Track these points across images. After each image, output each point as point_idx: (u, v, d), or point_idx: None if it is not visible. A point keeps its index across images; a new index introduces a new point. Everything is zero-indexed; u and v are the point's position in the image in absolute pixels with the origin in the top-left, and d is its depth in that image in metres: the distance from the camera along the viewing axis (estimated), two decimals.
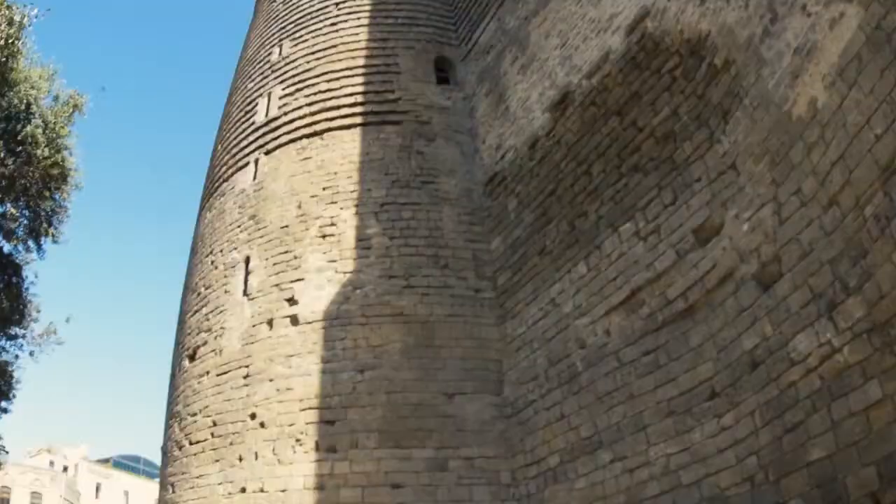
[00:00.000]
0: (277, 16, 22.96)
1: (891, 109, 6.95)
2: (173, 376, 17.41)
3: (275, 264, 15.82)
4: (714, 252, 10.33)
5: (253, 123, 19.63)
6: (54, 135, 17.80)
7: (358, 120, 18.01)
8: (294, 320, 14.88)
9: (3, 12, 16.05)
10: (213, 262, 17.46)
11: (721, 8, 10.66)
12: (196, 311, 17.06)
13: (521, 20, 17.70)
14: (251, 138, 19.26)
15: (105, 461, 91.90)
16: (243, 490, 13.78)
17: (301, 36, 21.06)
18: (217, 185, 19.52)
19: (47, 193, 18.61)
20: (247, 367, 14.82)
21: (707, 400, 9.90)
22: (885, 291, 6.96)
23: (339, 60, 19.57)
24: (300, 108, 18.74)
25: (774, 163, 9.26)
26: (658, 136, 12.12)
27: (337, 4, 21.60)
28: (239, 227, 17.28)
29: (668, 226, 11.47)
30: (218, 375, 15.27)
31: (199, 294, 17.32)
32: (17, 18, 16.60)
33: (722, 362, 9.71)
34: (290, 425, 13.82)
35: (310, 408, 13.90)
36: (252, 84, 21.07)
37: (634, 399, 11.23)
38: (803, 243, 8.51)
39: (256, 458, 13.84)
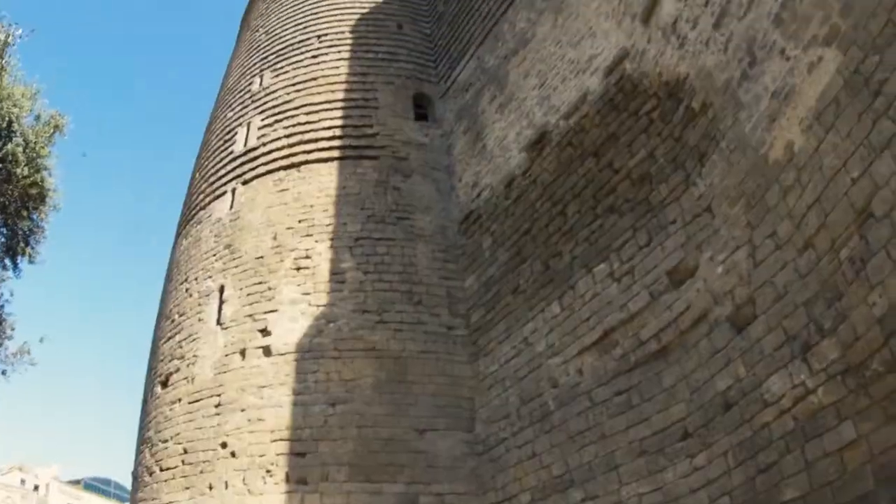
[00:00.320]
0: (259, 46, 23.15)
1: (867, 153, 7.02)
2: (145, 402, 17.20)
3: (249, 294, 15.75)
4: (688, 294, 10.34)
5: (231, 153, 19.64)
6: (34, 154, 17.67)
7: (335, 153, 18.07)
8: (267, 351, 14.78)
9: None
10: (187, 290, 17.36)
11: (700, 51, 10.77)
12: (169, 338, 16.93)
13: (501, 59, 17.86)
14: (229, 167, 19.26)
15: (76, 482, 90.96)
16: None
17: (282, 67, 21.19)
18: (194, 212, 19.45)
19: (25, 213, 18.43)
20: (219, 395, 14.68)
21: (680, 440, 9.87)
22: (860, 333, 7.00)
23: (319, 93, 19.68)
24: (279, 139, 18.79)
25: (750, 206, 9.31)
26: (634, 178, 12.18)
27: (319, 37, 21.85)
28: (214, 255, 17.21)
29: (642, 267, 11.48)
30: (190, 403, 15.11)
31: (172, 321, 17.20)
32: (1, 37, 16.58)
33: (695, 403, 9.70)
34: (261, 456, 13.67)
35: (281, 439, 13.76)
36: (232, 113, 21.13)
37: (606, 438, 11.18)
38: (778, 286, 8.55)
39: (226, 487, 13.64)
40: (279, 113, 19.52)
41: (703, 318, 9.94)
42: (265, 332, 15.07)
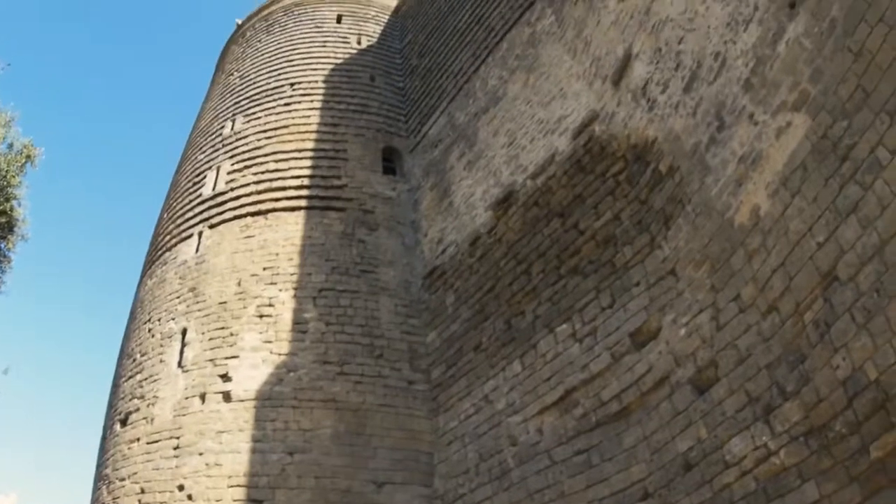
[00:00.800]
0: (233, 90, 23.25)
1: (834, 217, 7.12)
2: (104, 438, 16.86)
3: (211, 339, 15.60)
4: (650, 356, 10.33)
5: (200, 195, 19.56)
6: (5, 182, 17.50)
7: (303, 203, 18.06)
8: (227, 397, 14.60)
9: None
10: (150, 330, 17.17)
11: (669, 115, 10.92)
12: (130, 377, 16.68)
13: (471, 116, 18.01)
14: (197, 210, 19.16)
15: None
16: None
17: (254, 112, 21.28)
18: (160, 252, 19.31)
19: None
20: (177, 438, 14.45)
21: (640, 500, 9.77)
22: (824, 395, 7.03)
23: (290, 141, 19.75)
24: (247, 185, 18.79)
25: (714, 269, 9.38)
26: (599, 240, 12.23)
27: (292, 84, 21.99)
28: (178, 297, 17.07)
29: (604, 328, 11.46)
30: (148, 443, 14.85)
31: (134, 360, 16.96)
32: None
33: (655, 464, 9.65)
34: (218, 501, 13.42)
35: (238, 485, 13.51)
36: (202, 156, 21.12)
37: (566, 497, 11.06)
38: (741, 349, 8.59)
39: None
40: (249, 159, 19.56)
41: (665, 379, 9.92)
42: (226, 377, 14.90)
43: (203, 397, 14.82)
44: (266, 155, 19.45)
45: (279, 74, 22.72)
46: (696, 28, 10.40)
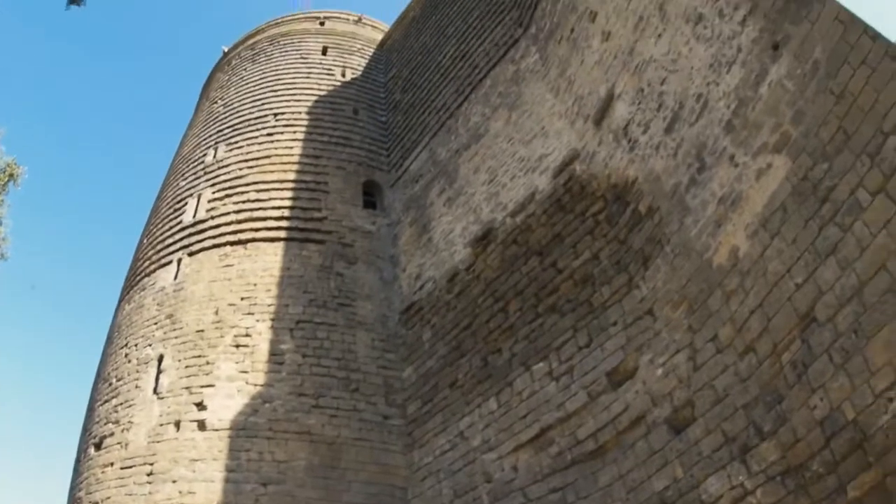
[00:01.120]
0: (217, 118, 23.32)
1: (813, 259, 7.17)
2: (78, 461, 16.62)
3: (187, 367, 15.48)
4: (627, 395, 10.31)
5: (180, 222, 19.52)
6: None
7: (282, 234, 18.06)
8: (201, 425, 14.46)
9: None
10: (126, 355, 17.02)
11: (650, 155, 11.00)
12: (106, 401, 16.50)
13: (453, 152, 18.08)
14: (177, 237, 19.10)
15: None
16: None
17: (237, 142, 21.34)
18: (139, 278, 19.20)
19: None
20: (151, 464, 14.28)
21: None
22: (801, 435, 7.04)
23: (272, 172, 19.79)
24: (228, 214, 18.78)
25: (692, 310, 9.40)
26: (577, 279, 12.25)
27: (275, 115, 22.08)
28: (156, 324, 16.96)
29: (581, 367, 11.44)
30: (122, 469, 14.66)
31: (110, 384, 16.80)
32: None
33: (631, 502, 9.59)
34: None
35: None
36: (184, 183, 21.11)
37: None
38: (718, 389, 8.60)
39: None
40: (230, 188, 19.57)
41: (642, 419, 9.90)
42: (201, 405, 14.79)
43: (178, 425, 14.68)
44: (247, 185, 19.48)
45: (263, 104, 22.83)
46: (679, 69, 10.50)
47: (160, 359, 16.10)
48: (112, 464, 14.97)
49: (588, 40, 14.08)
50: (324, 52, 26.23)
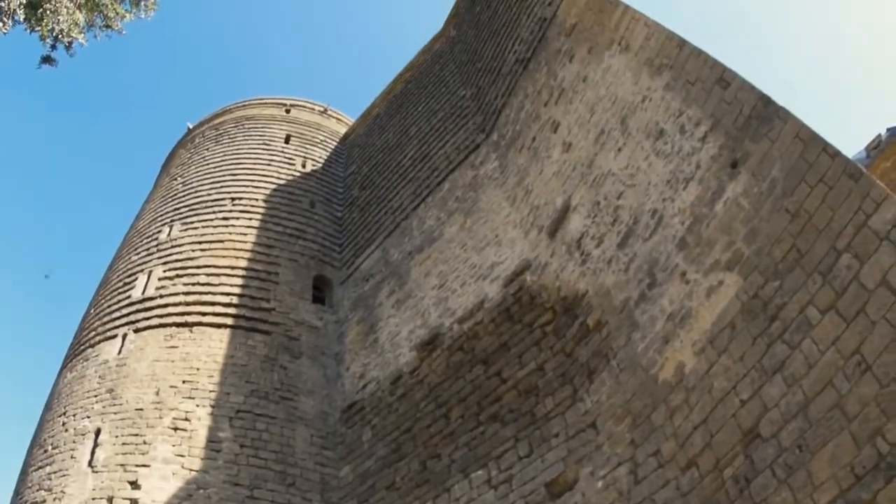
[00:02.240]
0: (175, 195, 23.17)
1: (759, 376, 7.20)
2: None
3: (124, 444, 15.07)
4: None
5: (129, 297, 19.20)
6: None
7: (229, 321, 17.83)
8: None
9: None
10: (64, 424, 16.55)
11: (601, 269, 11.08)
12: (40, 468, 15.98)
13: (405, 254, 18.10)
14: (124, 311, 18.76)
15: None
16: None
17: (192, 222, 21.20)
18: (83, 347, 18.80)
19: None
20: None
21: None
22: None
23: (224, 257, 19.65)
24: (177, 294, 18.53)
25: (635, 424, 9.37)
26: (521, 389, 12.20)
27: (233, 199, 22.00)
28: (96, 396, 16.56)
29: (520, 477, 11.31)
30: None
31: (45, 451, 16.30)
32: None
33: None
34: None
35: None
36: (136, 257, 20.87)
37: None
38: (658, 503, 8.50)
39: None
40: (182, 268, 19.38)
41: None
42: (135, 484, 14.35)
43: (111, 500, 14.24)
44: (199, 267, 19.32)
45: (222, 187, 22.79)
46: (637, 184, 10.68)
47: (97, 432, 15.72)
48: None
49: (549, 150, 14.33)
50: (287, 140, 26.38)
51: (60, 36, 10.27)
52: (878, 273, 6.15)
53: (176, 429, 15.26)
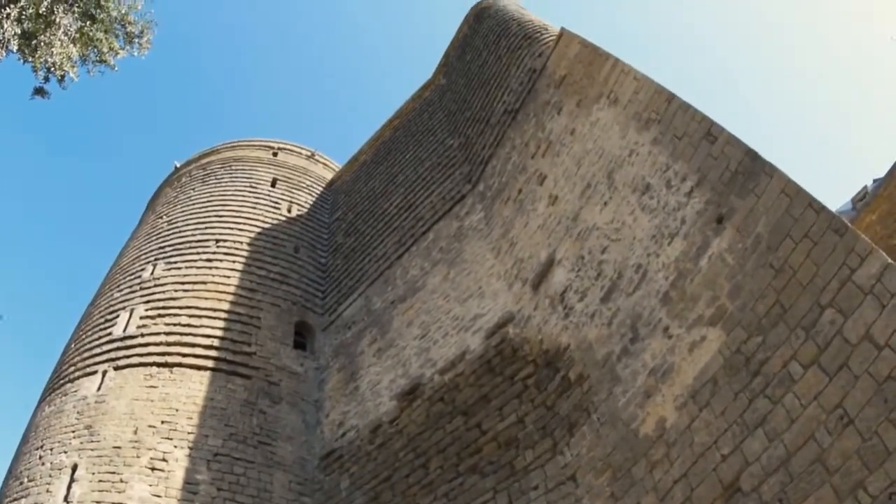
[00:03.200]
0: (160, 234, 23.14)
1: (740, 430, 7.20)
2: None
3: (100, 481, 14.89)
4: None
5: (110, 334, 19.07)
6: None
7: (210, 364, 17.74)
8: None
9: None
10: (41, 458, 16.34)
11: (584, 323, 11.08)
12: (15, 500, 15.73)
13: (388, 303, 18.06)
14: (105, 348, 18.61)
15: None
16: None
17: (176, 262, 21.16)
18: (62, 382, 18.60)
19: None
20: None
21: None
22: None
23: (206, 298, 19.61)
24: (158, 334, 18.44)
25: (616, 478, 9.34)
26: (501, 441, 12.14)
27: (217, 241, 21.99)
28: (73, 432, 16.38)
29: None
30: None
31: (21, 483, 16.06)
32: None
33: None
34: None
35: None
36: (119, 294, 20.78)
37: None
38: None
39: None
40: (164, 308, 19.30)
41: None
42: None
43: None
44: (181, 308, 19.24)
45: (206, 228, 22.78)
46: (622, 238, 10.73)
47: (74, 467, 15.55)
48: None
49: (534, 203, 14.40)
50: (273, 183, 26.46)
51: (53, 68, 10.32)
52: (861, 327, 6.19)
53: (153, 469, 15.11)
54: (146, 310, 19.25)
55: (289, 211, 24.94)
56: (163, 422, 16.04)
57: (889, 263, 6.19)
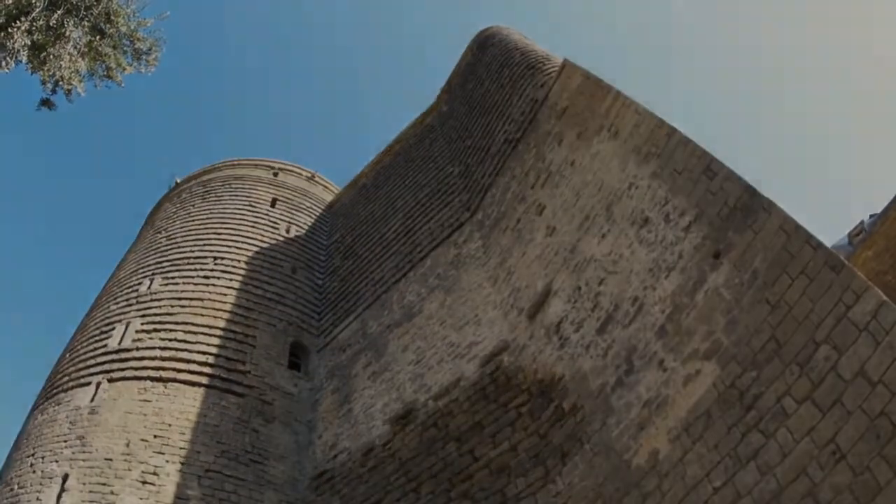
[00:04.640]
0: (158, 248, 23.20)
1: (733, 463, 7.25)
2: None
3: (91, 492, 14.84)
4: None
5: (105, 346, 19.08)
6: None
7: (204, 380, 17.72)
8: None
9: None
10: (32, 465, 16.28)
11: (579, 354, 11.14)
12: None
13: (384, 327, 18.08)
14: (100, 360, 18.61)
15: None
16: None
17: (173, 277, 21.19)
18: (56, 391, 18.56)
19: None
20: None
21: None
22: None
23: (202, 315, 19.61)
24: (153, 349, 18.44)
25: None
26: (493, 468, 12.15)
27: (215, 259, 22.03)
28: (65, 442, 16.34)
29: None
30: None
31: (11, 490, 15.99)
32: None
33: None
34: None
35: None
36: (115, 307, 20.79)
37: None
38: None
39: None
40: (160, 323, 19.32)
41: None
42: None
43: None
44: (177, 323, 19.27)
45: (205, 245, 22.84)
46: (619, 271, 10.80)
47: (65, 477, 15.50)
48: None
49: (532, 233, 14.47)
50: (273, 203, 26.53)
51: (61, 82, 10.38)
52: (856, 364, 6.27)
53: (144, 482, 15.08)
54: (142, 324, 19.27)
55: (287, 231, 25.02)
56: (155, 436, 16.03)
57: (884, 301, 6.27)
